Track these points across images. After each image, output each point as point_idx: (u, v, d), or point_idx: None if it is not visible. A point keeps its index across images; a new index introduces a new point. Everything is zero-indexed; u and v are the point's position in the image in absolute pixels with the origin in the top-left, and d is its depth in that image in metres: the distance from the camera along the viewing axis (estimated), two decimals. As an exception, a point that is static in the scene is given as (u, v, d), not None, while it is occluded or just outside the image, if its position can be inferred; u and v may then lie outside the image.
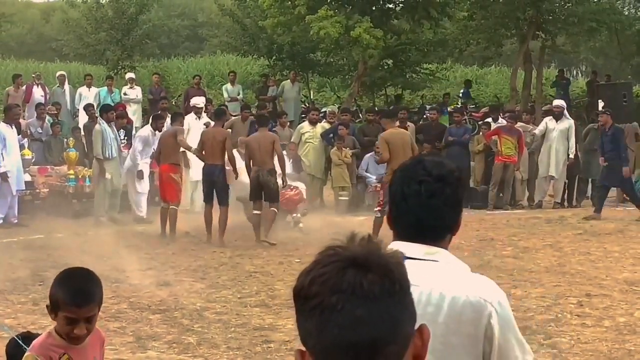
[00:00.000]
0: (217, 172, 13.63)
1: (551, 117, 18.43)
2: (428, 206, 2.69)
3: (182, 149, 14.72)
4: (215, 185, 13.70)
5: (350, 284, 1.44)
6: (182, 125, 15.07)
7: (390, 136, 13.07)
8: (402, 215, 2.73)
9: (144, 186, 16.59)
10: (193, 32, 50.64)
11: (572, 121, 18.54)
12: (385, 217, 2.90)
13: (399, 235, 2.71)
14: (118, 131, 16.71)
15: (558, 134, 18.08)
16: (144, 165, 16.45)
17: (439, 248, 2.67)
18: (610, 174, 16.06)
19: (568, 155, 18.10)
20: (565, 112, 18.56)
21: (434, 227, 2.70)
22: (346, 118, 19.15)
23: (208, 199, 13.83)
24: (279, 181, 13.77)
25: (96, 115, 17.10)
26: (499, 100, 29.40)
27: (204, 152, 13.83)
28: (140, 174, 16.35)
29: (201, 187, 17.50)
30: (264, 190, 13.60)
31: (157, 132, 16.00)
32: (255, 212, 13.70)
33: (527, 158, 18.26)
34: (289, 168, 17.61)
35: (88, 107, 18.84)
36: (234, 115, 20.06)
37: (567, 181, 18.37)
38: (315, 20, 22.79)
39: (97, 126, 15.97)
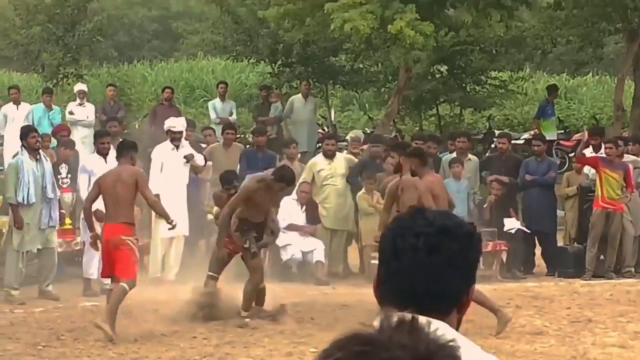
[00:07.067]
0: None
1: None
2: (427, 265, 2.77)
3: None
4: None
5: None
6: (134, 163, 13.93)
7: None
8: (392, 278, 2.81)
9: None
10: (164, 26, 50.95)
11: None
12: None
13: (387, 307, 2.76)
14: (59, 166, 16.79)
15: None
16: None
17: (439, 321, 2.68)
18: None
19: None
20: None
21: (434, 295, 2.77)
22: (377, 151, 19.22)
23: None
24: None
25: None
26: (597, 122, 29.41)
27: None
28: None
29: (177, 246, 17.51)
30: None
31: (105, 157, 16.05)
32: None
33: (638, 203, 18.26)
34: (301, 219, 17.70)
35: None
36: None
37: None
38: (338, 9, 22.81)
39: (12, 159, 15.93)
